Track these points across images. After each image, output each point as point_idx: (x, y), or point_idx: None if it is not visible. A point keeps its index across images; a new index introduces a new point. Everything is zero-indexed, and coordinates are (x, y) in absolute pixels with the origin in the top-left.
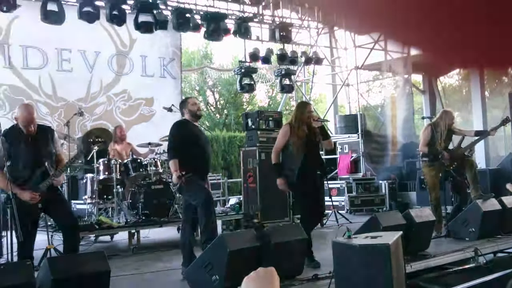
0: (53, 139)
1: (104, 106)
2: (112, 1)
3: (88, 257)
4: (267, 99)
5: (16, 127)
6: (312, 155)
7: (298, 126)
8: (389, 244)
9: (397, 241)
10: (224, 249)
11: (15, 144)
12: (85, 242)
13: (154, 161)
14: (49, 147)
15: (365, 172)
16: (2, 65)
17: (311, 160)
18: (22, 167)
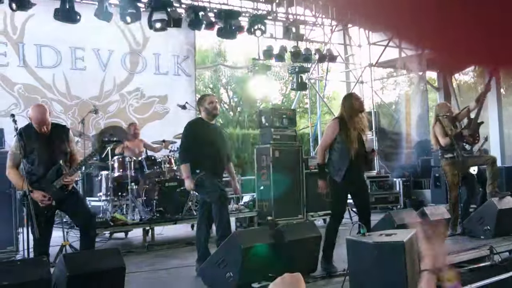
0: (68, 138)
1: (118, 104)
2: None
3: (103, 253)
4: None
5: (31, 125)
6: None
7: (351, 117)
8: (404, 241)
9: (412, 238)
10: (238, 246)
11: (30, 142)
12: (100, 238)
13: (168, 158)
14: (63, 145)
15: (379, 170)
16: (17, 64)
17: (358, 157)
18: (36, 165)
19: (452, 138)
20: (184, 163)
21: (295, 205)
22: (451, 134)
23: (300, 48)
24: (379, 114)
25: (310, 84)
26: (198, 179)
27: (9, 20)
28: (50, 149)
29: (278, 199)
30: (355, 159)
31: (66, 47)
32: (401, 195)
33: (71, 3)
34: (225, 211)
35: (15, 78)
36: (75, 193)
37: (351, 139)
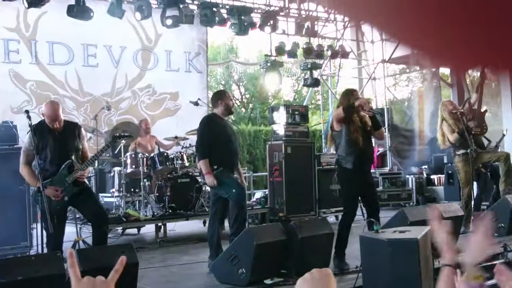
0: (79, 136)
1: (129, 101)
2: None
3: (116, 249)
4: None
5: (43, 122)
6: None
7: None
8: (418, 238)
9: (426, 236)
10: (250, 243)
11: (43, 139)
12: (113, 234)
13: (180, 154)
14: (75, 142)
15: (392, 167)
16: (29, 61)
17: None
18: (49, 162)
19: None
20: (203, 159)
21: (307, 201)
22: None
23: (312, 44)
24: (391, 110)
25: (322, 80)
26: (217, 175)
27: (22, 17)
28: (62, 145)
29: (290, 196)
30: (365, 151)
31: (78, 44)
32: (414, 192)
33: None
34: (242, 207)
35: (27, 75)
36: (87, 189)
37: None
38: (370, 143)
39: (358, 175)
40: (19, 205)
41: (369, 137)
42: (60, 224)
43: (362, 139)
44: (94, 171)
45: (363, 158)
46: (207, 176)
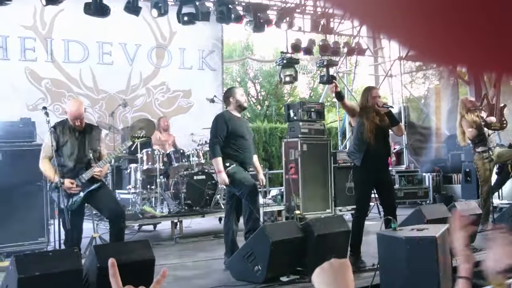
0: (99, 138)
1: (144, 98)
2: None
3: (133, 245)
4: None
5: (66, 121)
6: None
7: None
8: (436, 236)
9: (444, 234)
10: (266, 240)
11: (64, 136)
12: (129, 231)
13: (196, 151)
14: (94, 143)
15: (408, 164)
16: (45, 59)
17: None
18: (67, 158)
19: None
20: (216, 157)
21: (323, 199)
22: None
23: (328, 42)
24: (408, 108)
25: (339, 77)
26: (229, 173)
27: (39, 15)
28: (81, 144)
29: (306, 193)
30: (376, 150)
31: (94, 42)
32: (431, 190)
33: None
34: (256, 204)
35: (43, 73)
36: (104, 187)
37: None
38: (384, 142)
39: (369, 173)
40: (37, 201)
41: (385, 135)
42: (77, 220)
43: (376, 137)
44: (111, 167)
45: (374, 156)
46: (219, 175)
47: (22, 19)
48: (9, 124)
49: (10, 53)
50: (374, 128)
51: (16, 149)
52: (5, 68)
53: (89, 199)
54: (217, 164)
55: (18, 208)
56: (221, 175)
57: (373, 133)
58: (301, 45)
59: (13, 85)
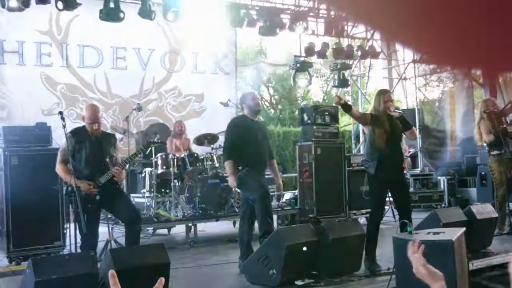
0: (115, 145)
1: (156, 103)
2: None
3: (149, 249)
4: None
5: (83, 127)
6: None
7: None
8: (453, 240)
9: (460, 237)
10: (281, 244)
11: (81, 142)
12: (144, 234)
13: (210, 155)
14: (110, 149)
15: (423, 168)
16: (60, 64)
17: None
18: (84, 163)
19: (497, 134)
20: (228, 160)
21: (337, 202)
22: (496, 131)
23: (342, 45)
24: (422, 111)
25: (352, 81)
26: (240, 176)
27: (55, 21)
28: (98, 149)
29: (320, 197)
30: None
31: (108, 46)
32: (446, 193)
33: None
34: (268, 208)
35: (58, 78)
36: (119, 191)
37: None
38: (397, 147)
39: (383, 179)
40: (53, 205)
41: (396, 140)
42: (93, 224)
43: (388, 142)
44: (126, 172)
45: (387, 162)
46: (230, 178)
47: (38, 24)
48: (25, 128)
49: (26, 59)
50: (386, 134)
51: (32, 153)
52: (21, 73)
53: (105, 203)
54: (228, 167)
55: (34, 212)
56: (231, 178)
57: (385, 139)
58: (314, 49)
59: (29, 90)
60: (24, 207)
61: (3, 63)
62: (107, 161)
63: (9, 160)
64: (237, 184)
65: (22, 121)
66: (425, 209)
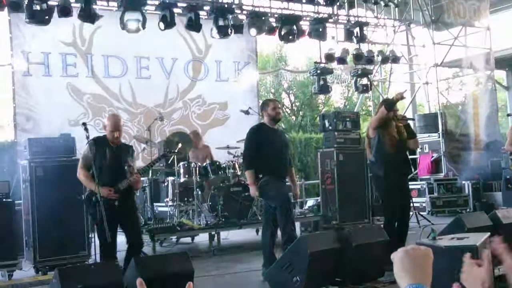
0: (132, 155)
1: (181, 111)
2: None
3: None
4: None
5: (104, 137)
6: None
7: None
8: (477, 245)
9: (485, 242)
10: (304, 251)
11: (101, 150)
12: (167, 243)
13: (232, 163)
14: (128, 159)
15: (447, 172)
16: (85, 74)
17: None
18: (104, 171)
19: None
20: (249, 170)
21: (360, 209)
22: None
23: (362, 50)
24: (445, 115)
25: (373, 86)
26: (261, 185)
27: (78, 32)
28: (118, 158)
29: (343, 203)
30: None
31: (132, 56)
32: (470, 198)
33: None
34: (290, 215)
35: (84, 88)
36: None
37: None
38: (404, 152)
39: (392, 182)
40: (78, 214)
41: (404, 146)
42: (112, 234)
43: (397, 148)
44: (149, 181)
45: (396, 166)
46: (251, 187)
47: (62, 36)
48: (49, 140)
49: (52, 70)
50: (394, 140)
51: (56, 164)
52: (47, 84)
53: (120, 216)
54: (249, 176)
55: (59, 222)
56: (252, 187)
57: (395, 145)
58: (334, 55)
59: (55, 101)
60: (50, 217)
61: (29, 74)
62: (126, 169)
63: (34, 172)
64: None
65: (49, 132)
66: (449, 214)
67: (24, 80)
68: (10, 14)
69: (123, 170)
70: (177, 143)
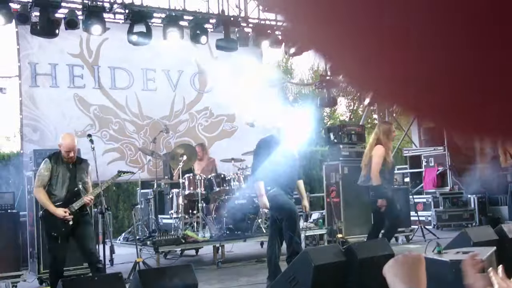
0: (87, 170)
1: (187, 123)
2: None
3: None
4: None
5: (59, 153)
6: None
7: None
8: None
9: (491, 256)
10: (309, 264)
11: (57, 167)
12: (172, 256)
13: (237, 176)
14: (83, 175)
15: (453, 186)
16: (92, 86)
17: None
18: (59, 188)
19: None
20: (258, 182)
21: (365, 222)
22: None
23: None
24: None
25: None
26: (269, 196)
27: (85, 44)
28: (72, 175)
29: (348, 217)
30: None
31: (138, 68)
32: (476, 212)
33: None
34: (296, 228)
35: (91, 100)
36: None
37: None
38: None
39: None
40: None
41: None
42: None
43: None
44: (153, 192)
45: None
46: (260, 198)
47: (69, 47)
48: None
49: (59, 81)
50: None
51: None
52: (54, 95)
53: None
54: (258, 188)
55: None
56: (262, 199)
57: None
58: None
59: (62, 112)
60: None
61: (36, 85)
62: (80, 188)
63: None
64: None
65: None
66: (455, 228)
67: (31, 91)
68: (17, 26)
69: (78, 189)
70: (182, 155)
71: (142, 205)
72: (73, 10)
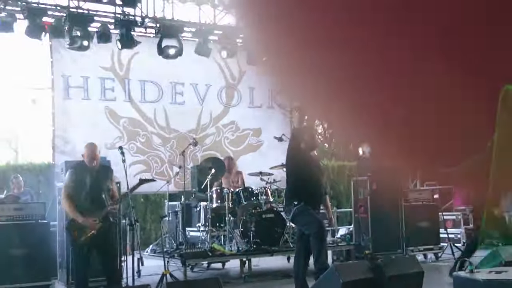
0: (111, 178)
1: (213, 137)
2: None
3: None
4: None
5: (83, 162)
6: None
7: None
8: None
9: None
10: (337, 280)
11: (82, 176)
12: (198, 268)
13: (264, 190)
14: (107, 182)
15: None
16: (123, 99)
17: None
18: (84, 197)
19: None
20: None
21: (394, 238)
22: None
23: None
24: None
25: None
26: (296, 211)
27: (117, 57)
28: (97, 183)
29: (376, 233)
30: None
31: (167, 82)
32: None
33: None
34: (323, 243)
35: (121, 112)
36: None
37: None
38: None
39: None
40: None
41: None
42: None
43: None
44: (181, 205)
45: None
46: None
47: (101, 61)
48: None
49: (90, 93)
50: None
51: None
52: (86, 107)
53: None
54: None
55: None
56: None
57: None
58: None
59: (93, 124)
60: None
61: (69, 98)
62: (105, 196)
63: None
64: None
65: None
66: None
67: (64, 104)
68: (51, 39)
69: (102, 197)
70: (210, 169)
71: (170, 218)
72: (106, 24)
